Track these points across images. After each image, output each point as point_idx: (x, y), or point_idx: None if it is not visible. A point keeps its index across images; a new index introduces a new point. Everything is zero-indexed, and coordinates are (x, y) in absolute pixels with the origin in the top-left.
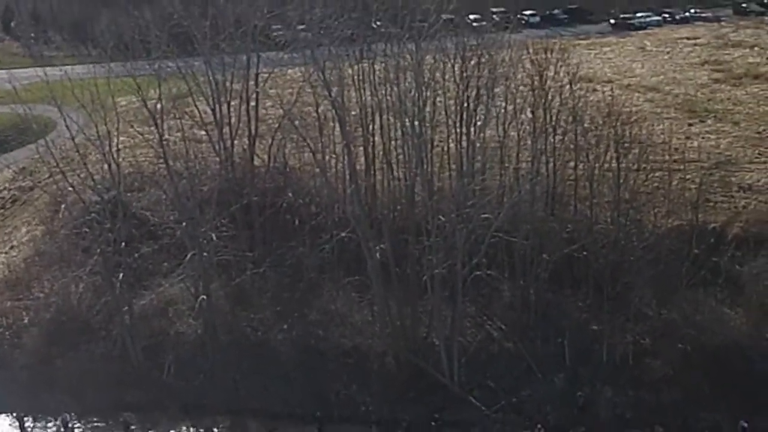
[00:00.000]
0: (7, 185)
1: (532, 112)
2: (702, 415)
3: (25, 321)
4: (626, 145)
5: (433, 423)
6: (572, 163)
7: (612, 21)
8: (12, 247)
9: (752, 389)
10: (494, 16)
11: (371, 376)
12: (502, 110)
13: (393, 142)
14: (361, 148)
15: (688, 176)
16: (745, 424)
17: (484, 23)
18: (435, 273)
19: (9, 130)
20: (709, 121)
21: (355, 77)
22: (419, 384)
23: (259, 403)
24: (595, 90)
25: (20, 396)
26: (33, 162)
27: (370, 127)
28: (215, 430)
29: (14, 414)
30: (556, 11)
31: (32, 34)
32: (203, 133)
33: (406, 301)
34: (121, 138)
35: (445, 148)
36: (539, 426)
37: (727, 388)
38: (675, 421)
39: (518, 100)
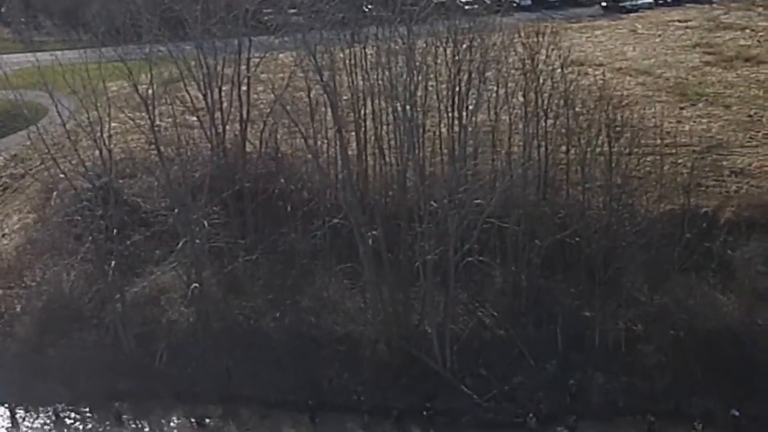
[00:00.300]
0: None
1: (524, 96)
2: (694, 401)
3: (17, 309)
4: (618, 129)
5: (424, 412)
6: (564, 148)
7: (603, 3)
8: (3, 235)
9: (745, 375)
10: None
11: (363, 363)
12: (494, 94)
13: (384, 127)
14: (353, 134)
15: (679, 160)
16: (737, 413)
17: (475, 6)
18: (427, 259)
19: (0, 116)
20: (701, 105)
21: (347, 61)
22: (411, 371)
23: (251, 390)
24: (586, 74)
25: (12, 385)
26: (24, 149)
27: (362, 112)
28: (208, 418)
29: (6, 405)
30: None
31: (23, 20)
32: (194, 118)
33: (398, 287)
34: (112, 124)
35: (437, 133)
36: (531, 415)
37: (719, 374)
38: (667, 407)
39: (510, 84)
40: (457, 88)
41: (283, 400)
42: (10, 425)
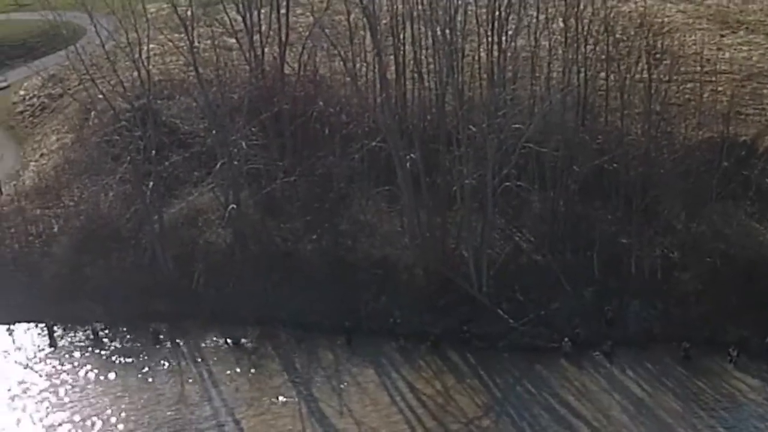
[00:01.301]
0: (36, 92)
1: (564, 22)
2: (729, 328)
3: (55, 229)
4: (658, 56)
5: (461, 336)
6: (603, 74)
7: None
8: (42, 155)
9: None
10: None
11: (400, 287)
12: (534, 19)
13: (424, 51)
14: (392, 57)
15: (719, 88)
16: None
17: None
18: (465, 183)
19: (38, 36)
20: (742, 33)
21: None
22: (448, 296)
23: (288, 313)
24: (627, 0)
25: (50, 304)
26: (63, 69)
27: (401, 35)
28: (244, 339)
29: (44, 323)
30: None
31: None
32: (233, 40)
33: (436, 211)
34: (151, 45)
35: (476, 58)
36: (566, 340)
37: (755, 302)
38: (703, 335)
39: (550, 10)
40: (497, 13)
41: (319, 322)
42: (48, 343)
